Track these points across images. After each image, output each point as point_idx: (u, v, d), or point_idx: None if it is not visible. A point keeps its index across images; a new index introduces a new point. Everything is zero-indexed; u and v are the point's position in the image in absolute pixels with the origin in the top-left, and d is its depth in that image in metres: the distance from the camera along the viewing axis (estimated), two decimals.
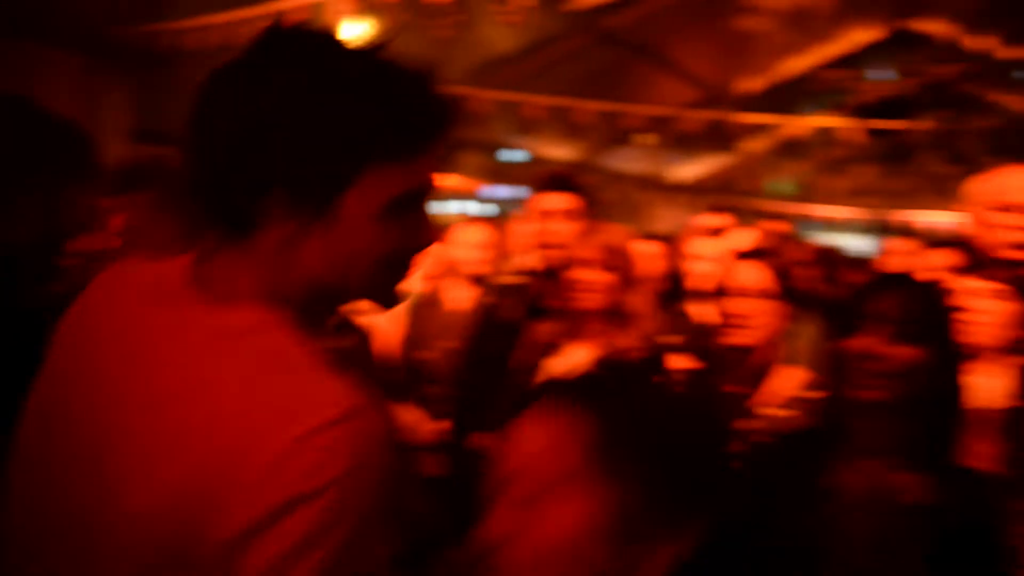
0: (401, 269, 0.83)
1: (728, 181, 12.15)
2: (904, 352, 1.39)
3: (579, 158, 9.49)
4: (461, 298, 2.99)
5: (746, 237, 3.31)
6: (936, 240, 4.81)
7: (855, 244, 14.20)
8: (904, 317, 1.40)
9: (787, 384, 2.01)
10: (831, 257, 7.96)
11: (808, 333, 2.53)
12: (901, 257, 4.98)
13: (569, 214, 2.50)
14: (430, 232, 0.85)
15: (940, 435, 1.40)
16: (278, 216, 0.76)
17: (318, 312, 0.83)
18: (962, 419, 1.46)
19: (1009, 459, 1.77)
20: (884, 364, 1.39)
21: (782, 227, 5.55)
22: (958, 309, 1.76)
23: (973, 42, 8.62)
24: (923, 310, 1.42)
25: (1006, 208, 2.20)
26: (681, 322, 2.95)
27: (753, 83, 9.13)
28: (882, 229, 13.11)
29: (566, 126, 7.82)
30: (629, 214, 10.24)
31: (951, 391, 1.42)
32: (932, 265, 3.58)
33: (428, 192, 0.83)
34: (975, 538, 1.33)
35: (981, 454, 1.75)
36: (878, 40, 9.28)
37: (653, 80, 9.18)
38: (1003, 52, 8.73)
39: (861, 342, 1.41)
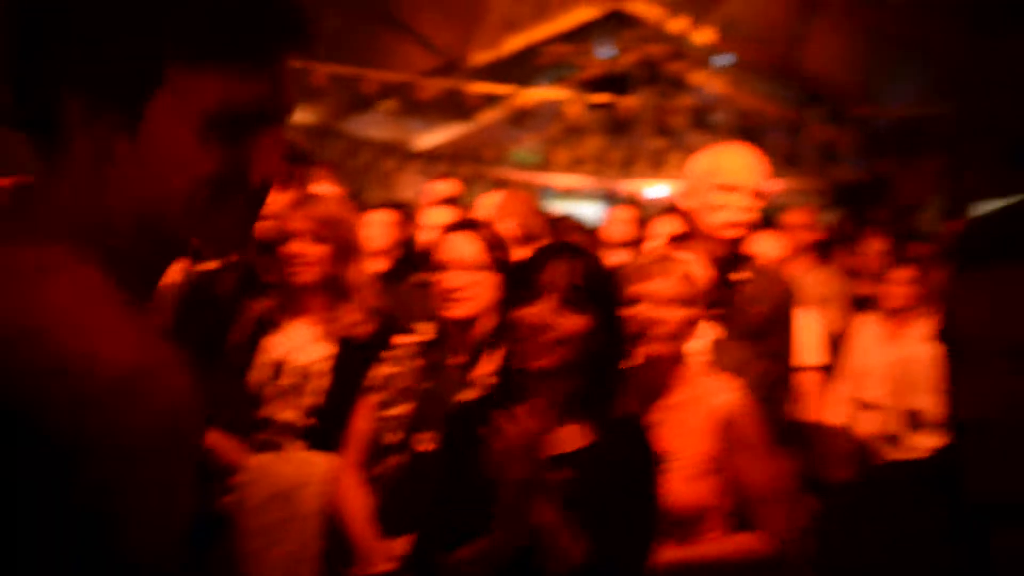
0: (236, 204, 0.70)
1: (472, 150, 12.48)
2: (571, 321, 1.52)
3: (318, 122, 9.21)
4: (171, 271, 2.79)
5: (487, 203, 3.38)
6: (662, 209, 5.32)
7: (589, 212, 15.33)
8: (570, 286, 1.52)
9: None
10: (562, 226, 8.52)
11: None
12: (621, 225, 5.45)
13: (281, 183, 2.42)
14: (273, 162, 0.72)
15: (603, 391, 1.56)
16: (80, 123, 0.64)
17: (151, 256, 0.72)
18: (623, 376, 1.63)
19: None
20: (552, 333, 1.51)
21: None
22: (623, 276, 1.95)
23: (674, 26, 9.55)
24: (587, 278, 1.55)
25: (722, 188, 2.45)
26: (415, 293, 2.97)
27: (488, 54, 9.40)
28: (610, 198, 14.25)
29: (302, 89, 7.54)
30: (376, 182, 10.15)
31: (614, 353, 1.58)
32: (656, 234, 3.94)
33: (272, 114, 0.71)
34: (632, 475, 1.52)
35: None
36: (599, 18, 9.94)
37: (392, 46, 9.11)
38: (699, 38, 9.78)
39: (531, 311, 1.52)
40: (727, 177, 2.37)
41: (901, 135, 8.41)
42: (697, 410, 1.92)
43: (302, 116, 9.10)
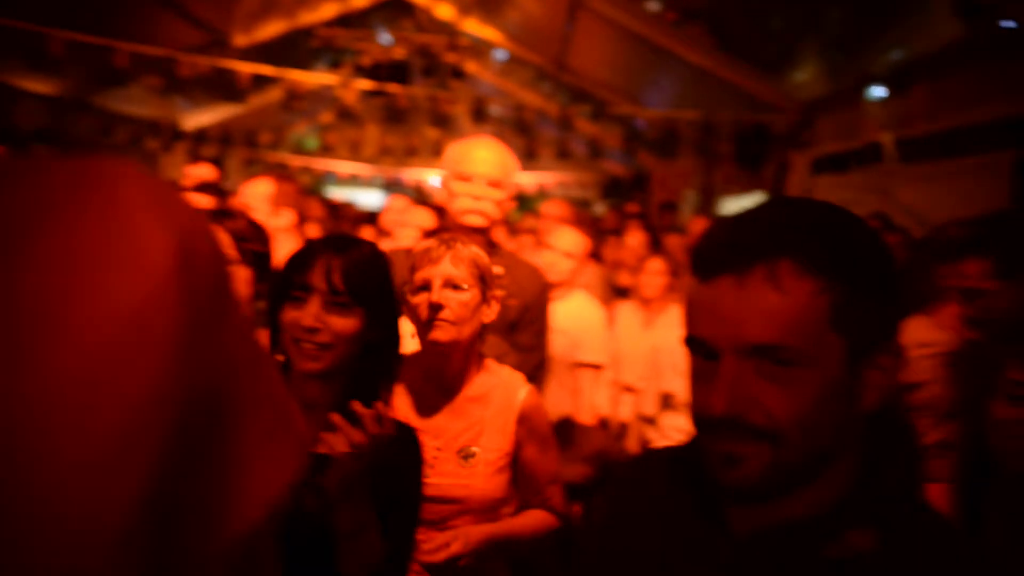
0: None
1: (247, 133, 11.83)
2: (340, 321, 1.46)
3: (62, 94, 8.27)
4: None
5: (254, 191, 3.19)
6: (421, 201, 5.32)
7: (372, 199, 15.18)
8: (339, 284, 1.45)
9: None
10: (342, 213, 8.32)
11: None
12: (397, 214, 5.42)
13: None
14: None
15: (374, 389, 1.53)
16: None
17: None
18: (393, 372, 1.61)
19: None
20: (322, 335, 1.45)
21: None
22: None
23: (452, 17, 9.68)
24: (357, 274, 1.46)
25: (459, 177, 2.48)
26: None
27: (256, 33, 8.92)
28: (393, 186, 14.20)
29: (37, 57, 6.71)
30: (140, 162, 9.28)
31: (388, 349, 1.55)
32: (413, 223, 3.94)
33: None
34: (398, 475, 1.50)
35: None
36: (377, 5, 9.82)
37: (152, 17, 8.37)
38: (476, 31, 9.98)
39: (299, 313, 1.45)
40: (465, 167, 2.42)
41: (659, 135, 9.13)
42: (498, 404, 1.92)
43: (40, 86, 8.14)
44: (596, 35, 8.53)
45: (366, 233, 4.57)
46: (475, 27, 10.08)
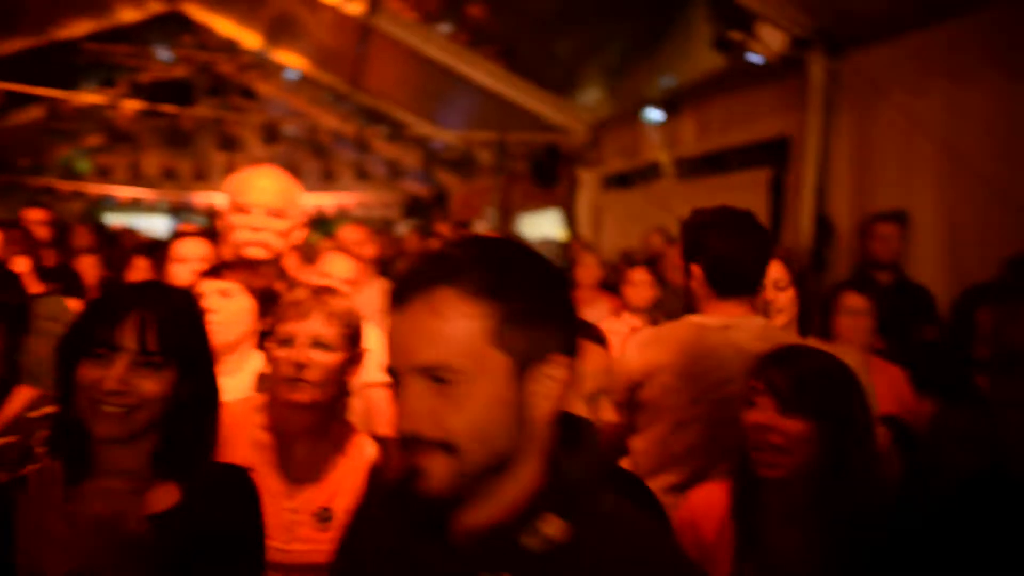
0: None
1: (1, 154, 10.59)
2: (150, 384, 1.31)
3: None
4: None
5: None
6: (207, 231, 5.01)
7: (157, 225, 14.12)
8: (149, 345, 1.30)
9: (16, 405, 1.70)
10: (120, 241, 7.66)
11: None
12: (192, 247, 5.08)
13: None
14: None
15: (189, 447, 1.40)
16: None
17: None
18: (212, 428, 1.48)
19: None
20: (131, 398, 1.30)
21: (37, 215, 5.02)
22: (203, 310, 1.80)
23: (239, 35, 9.29)
24: (167, 328, 1.32)
25: (242, 209, 2.38)
26: None
27: (5, 47, 8.04)
28: (181, 210, 13.31)
29: None
30: None
31: (202, 408, 1.41)
32: (186, 256, 3.65)
33: None
34: (226, 534, 1.38)
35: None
36: (155, 19, 9.19)
37: None
38: (263, 48, 9.63)
39: (100, 374, 1.29)
40: (243, 197, 2.35)
41: (457, 155, 9.32)
42: (351, 460, 1.81)
43: None
44: (389, 57, 8.55)
45: (140, 264, 4.19)
46: (262, 45, 9.74)
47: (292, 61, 10.22)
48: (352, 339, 1.82)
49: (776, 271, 2.52)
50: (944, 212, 4.31)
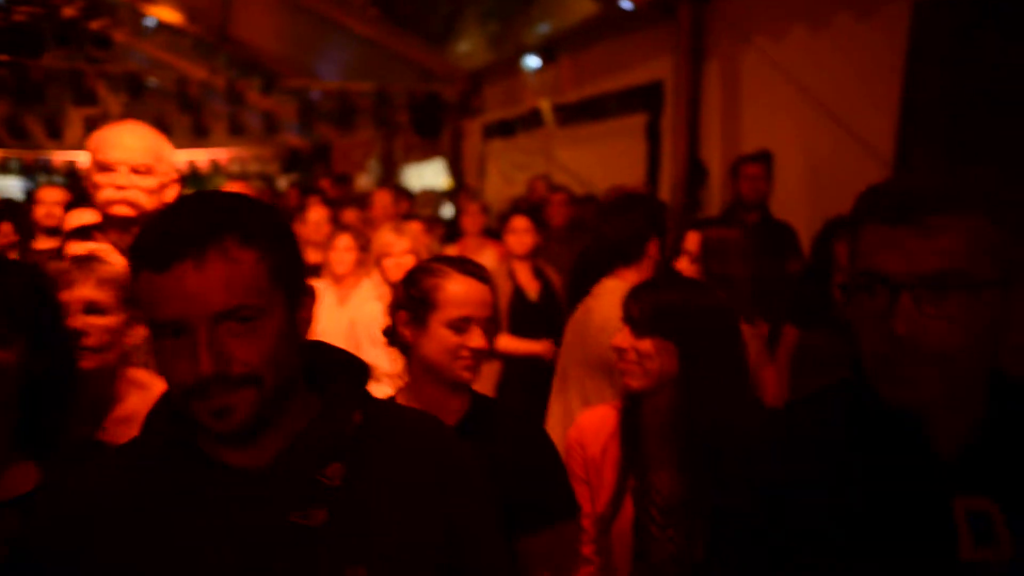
0: None
1: None
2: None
3: None
4: None
5: None
6: (76, 188, 4.68)
7: (10, 187, 13.07)
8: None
9: None
10: None
11: None
12: (49, 208, 4.74)
13: None
14: None
15: (46, 424, 1.33)
16: None
17: None
18: (69, 404, 1.41)
19: None
20: None
21: None
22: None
23: None
24: (16, 303, 1.26)
25: (105, 167, 2.26)
26: None
27: None
28: (35, 171, 12.36)
29: None
30: None
31: (55, 377, 1.34)
32: (72, 223, 3.45)
33: None
34: None
35: None
36: None
37: None
38: None
39: None
40: (106, 155, 2.25)
41: (335, 106, 9.03)
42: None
43: None
44: (259, 4, 8.14)
45: (4, 229, 3.89)
46: None
47: (157, 10, 9.57)
48: (129, 300, 1.82)
49: (691, 242, 2.73)
50: (804, 152, 4.56)
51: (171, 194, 2.34)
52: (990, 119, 3.50)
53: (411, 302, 1.78)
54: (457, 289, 1.74)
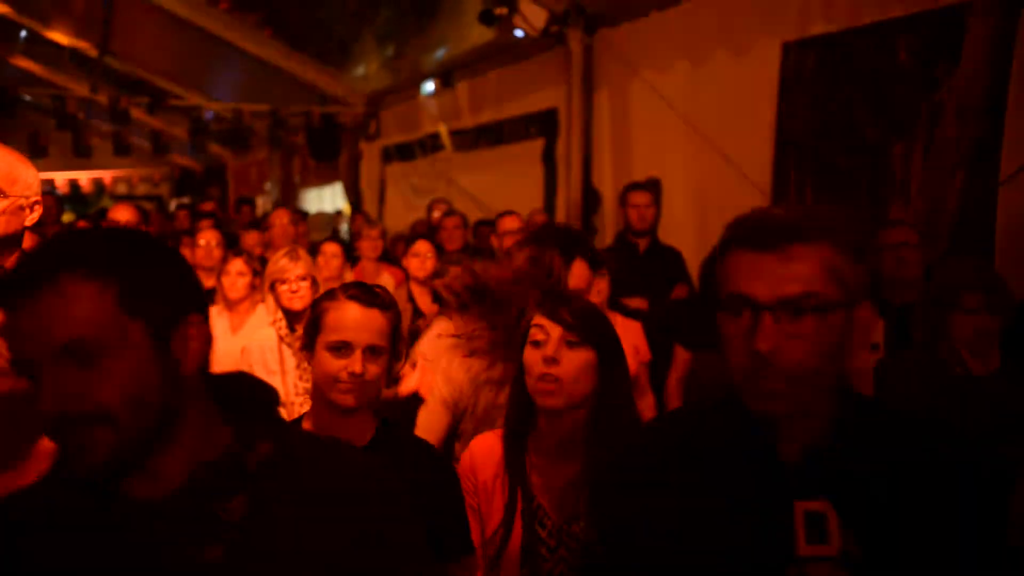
0: None
1: None
2: None
3: None
4: None
5: None
6: None
7: None
8: None
9: None
10: None
11: None
12: None
13: None
14: None
15: None
16: None
17: None
18: None
19: None
20: None
21: None
22: None
23: None
24: None
25: None
26: None
27: None
28: None
29: None
30: None
31: None
32: None
33: None
34: None
35: None
36: None
37: None
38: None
39: None
40: None
41: (228, 127, 8.81)
42: None
43: None
44: (142, 20, 7.86)
45: None
46: None
47: (20, 18, 9.07)
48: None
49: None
50: (690, 180, 4.78)
51: (32, 217, 2.23)
52: (849, 150, 3.77)
53: (307, 326, 1.82)
54: (337, 313, 1.76)
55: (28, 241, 2.39)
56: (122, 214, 4.31)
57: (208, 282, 4.71)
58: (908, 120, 3.48)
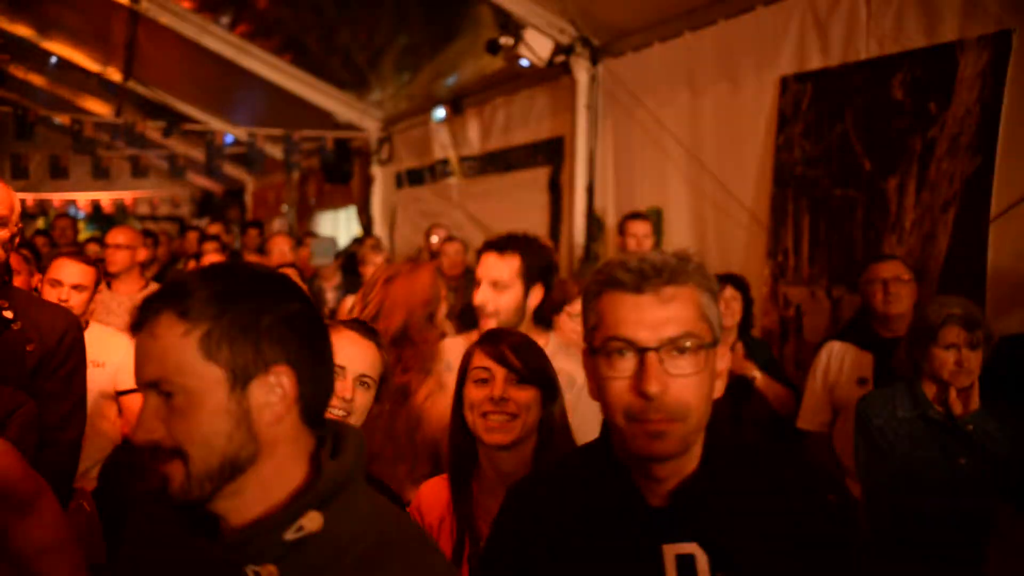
0: None
1: None
2: None
3: None
4: None
5: None
6: None
7: None
8: None
9: None
10: None
11: None
12: None
13: None
14: None
15: None
16: None
17: None
18: None
19: None
20: None
21: None
22: None
23: None
24: None
25: None
26: None
27: None
28: None
29: None
30: None
31: None
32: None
33: None
34: None
35: None
36: None
37: None
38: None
39: None
40: None
41: (245, 150, 8.95)
42: None
43: None
44: (164, 46, 8.04)
45: None
46: (15, 26, 8.80)
47: (60, 48, 9.32)
48: None
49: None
50: (691, 209, 4.77)
51: (14, 244, 2.28)
52: (845, 183, 3.76)
53: None
54: (334, 339, 1.76)
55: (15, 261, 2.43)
56: (120, 237, 4.38)
57: None
58: (902, 155, 3.47)
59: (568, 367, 2.16)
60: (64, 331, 2.19)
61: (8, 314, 1.75)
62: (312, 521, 0.96)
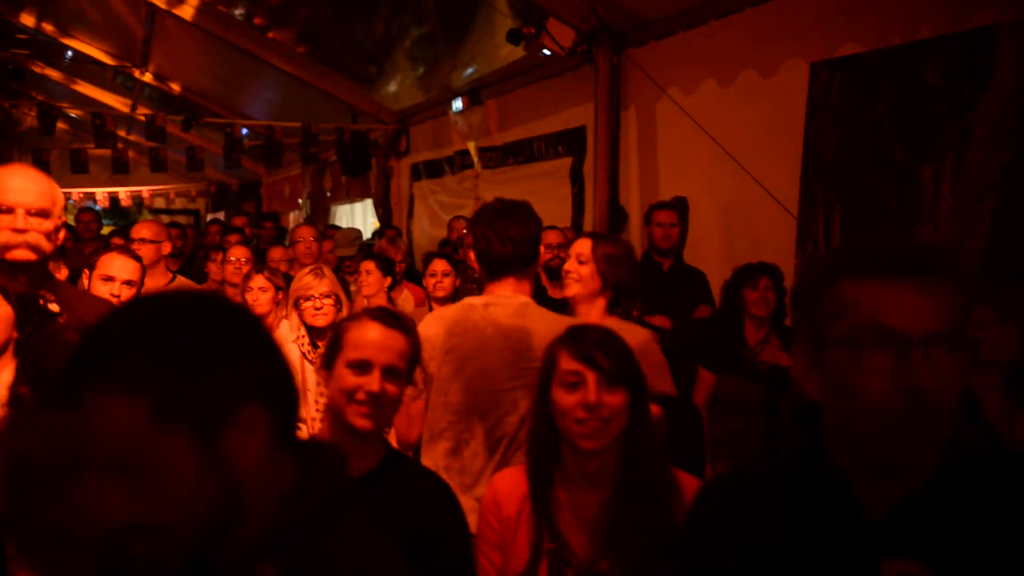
0: None
1: None
2: None
3: None
4: None
5: None
6: None
7: None
8: None
9: None
10: None
11: None
12: None
13: None
14: None
15: None
16: None
17: None
18: None
19: None
20: None
21: None
22: None
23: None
24: None
25: (1, 209, 2.21)
26: None
27: None
28: None
29: None
30: None
31: None
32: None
33: None
34: None
35: None
36: None
37: None
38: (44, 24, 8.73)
39: None
40: (1, 198, 2.22)
41: (262, 143, 8.95)
42: None
43: None
44: (181, 39, 8.04)
45: None
46: (34, 21, 8.83)
47: (77, 44, 9.35)
48: None
49: (580, 246, 2.84)
50: (716, 200, 4.73)
51: (60, 237, 2.29)
52: (877, 171, 3.71)
53: (328, 344, 1.85)
54: (359, 332, 1.79)
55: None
56: (145, 231, 4.39)
57: (236, 299, 4.77)
58: (937, 143, 3.41)
59: None
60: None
61: (54, 307, 1.74)
62: (268, 571, 0.87)
